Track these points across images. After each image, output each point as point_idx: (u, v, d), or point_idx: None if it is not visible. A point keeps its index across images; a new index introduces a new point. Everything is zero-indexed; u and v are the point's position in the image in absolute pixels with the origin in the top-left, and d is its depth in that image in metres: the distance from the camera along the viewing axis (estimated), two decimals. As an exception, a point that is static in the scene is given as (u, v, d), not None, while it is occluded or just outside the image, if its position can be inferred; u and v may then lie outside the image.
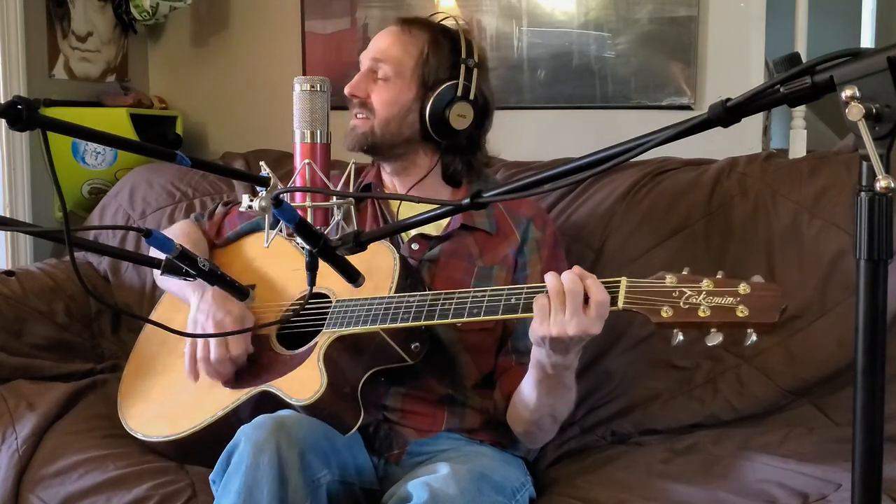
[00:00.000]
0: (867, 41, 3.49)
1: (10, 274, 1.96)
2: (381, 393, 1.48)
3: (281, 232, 1.15)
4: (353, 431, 1.36)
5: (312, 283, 1.20)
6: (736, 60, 2.27)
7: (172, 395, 1.55)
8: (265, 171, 1.11)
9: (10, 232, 2.19)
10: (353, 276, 1.27)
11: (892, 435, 1.27)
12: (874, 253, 0.76)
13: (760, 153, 2.05)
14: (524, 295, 1.26)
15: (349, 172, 1.31)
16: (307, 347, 1.42)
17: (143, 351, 1.69)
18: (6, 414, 1.59)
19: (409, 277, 1.45)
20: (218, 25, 2.67)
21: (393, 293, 1.39)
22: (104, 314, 2.06)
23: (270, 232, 1.16)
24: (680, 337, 1.13)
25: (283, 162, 2.13)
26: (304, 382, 1.35)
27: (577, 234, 1.87)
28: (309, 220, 1.16)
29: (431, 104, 1.52)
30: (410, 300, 1.35)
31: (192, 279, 1.30)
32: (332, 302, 1.44)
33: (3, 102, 0.86)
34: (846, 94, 0.74)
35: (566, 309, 1.18)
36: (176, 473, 1.47)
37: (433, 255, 1.55)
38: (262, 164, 1.14)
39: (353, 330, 1.38)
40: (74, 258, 1.02)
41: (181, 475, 1.47)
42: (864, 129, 0.72)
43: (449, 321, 1.32)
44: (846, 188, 1.82)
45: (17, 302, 1.89)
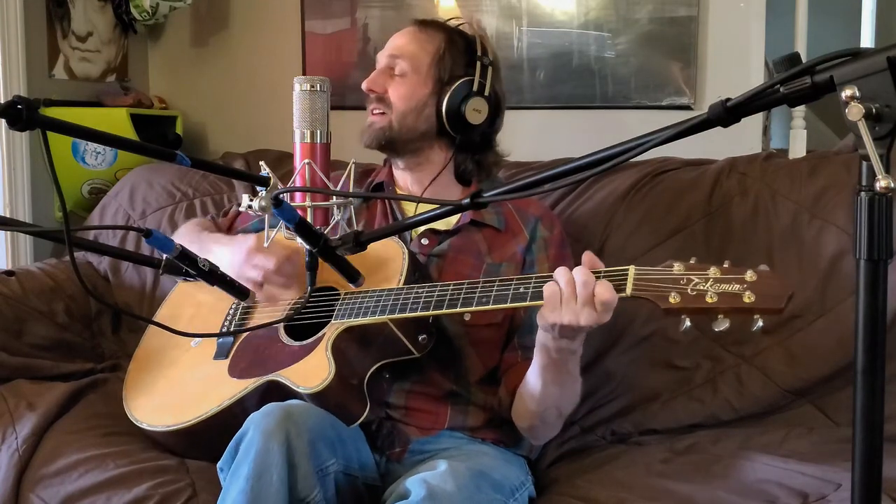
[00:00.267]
0: (867, 41, 3.49)
1: (10, 274, 1.96)
2: (384, 390, 1.48)
3: (282, 231, 1.15)
4: (358, 422, 1.36)
5: (313, 282, 1.21)
6: (736, 60, 2.28)
7: (179, 387, 1.55)
8: (265, 171, 1.11)
9: (10, 232, 2.19)
10: (353, 275, 1.27)
11: (892, 435, 1.26)
12: (874, 253, 0.76)
13: (760, 153, 2.05)
14: (532, 283, 1.27)
15: (349, 172, 1.32)
16: (315, 338, 1.43)
17: (149, 346, 1.69)
18: (6, 414, 1.59)
19: (417, 272, 1.46)
20: (218, 25, 2.67)
21: (402, 286, 1.39)
22: (104, 314, 2.06)
23: (270, 231, 1.16)
24: (687, 323, 1.14)
25: (283, 162, 2.13)
26: (312, 371, 1.35)
27: (577, 233, 1.87)
28: (309, 220, 1.17)
29: (448, 98, 1.55)
30: (419, 291, 1.36)
31: (191, 279, 1.31)
32: (340, 295, 1.45)
33: (3, 102, 0.86)
34: (846, 94, 0.74)
35: (578, 298, 1.19)
36: (176, 473, 1.47)
37: (442, 249, 1.57)
38: (262, 164, 1.15)
39: (361, 321, 1.38)
40: (74, 258, 1.02)
41: (181, 474, 1.46)
42: (863, 129, 0.72)
43: (458, 310, 1.31)
44: (846, 188, 1.82)
45: (17, 302, 1.89)
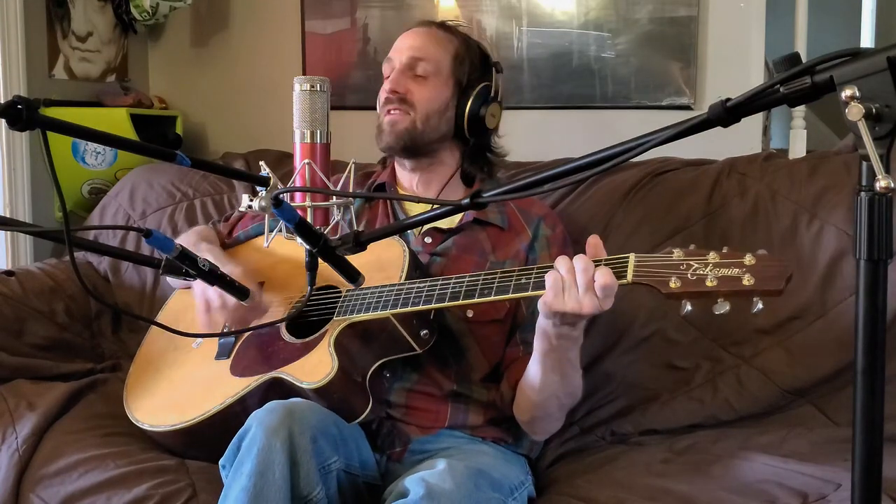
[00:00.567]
0: (867, 41, 3.49)
1: (10, 274, 1.96)
2: (385, 388, 1.48)
3: (281, 232, 1.15)
4: (361, 419, 1.37)
5: (313, 282, 1.21)
6: (736, 60, 2.28)
7: (181, 387, 1.55)
8: (265, 171, 1.11)
9: (10, 232, 2.19)
10: (352, 276, 1.27)
11: (892, 435, 1.27)
12: (874, 253, 0.76)
13: (760, 153, 2.05)
14: (534, 274, 1.27)
15: (349, 172, 1.32)
16: (317, 335, 1.43)
17: (150, 347, 1.70)
18: (6, 414, 1.59)
19: (418, 269, 1.46)
20: (218, 25, 2.67)
21: (403, 282, 1.40)
22: (104, 314, 2.06)
23: (270, 232, 1.16)
24: (688, 307, 1.14)
25: (283, 162, 2.13)
26: (314, 367, 1.36)
27: (577, 234, 1.87)
28: (309, 220, 1.17)
29: (472, 102, 1.57)
30: (421, 286, 1.36)
31: (192, 279, 1.31)
32: (341, 293, 1.45)
33: (3, 102, 0.86)
34: (846, 94, 0.74)
35: (579, 285, 1.20)
36: (176, 473, 1.46)
37: (446, 247, 1.58)
38: (262, 164, 1.14)
39: (363, 316, 1.39)
40: (74, 258, 1.02)
41: (181, 475, 1.46)
42: (863, 129, 0.72)
43: (461, 303, 1.32)
44: (846, 188, 1.82)
45: (17, 302, 1.89)
